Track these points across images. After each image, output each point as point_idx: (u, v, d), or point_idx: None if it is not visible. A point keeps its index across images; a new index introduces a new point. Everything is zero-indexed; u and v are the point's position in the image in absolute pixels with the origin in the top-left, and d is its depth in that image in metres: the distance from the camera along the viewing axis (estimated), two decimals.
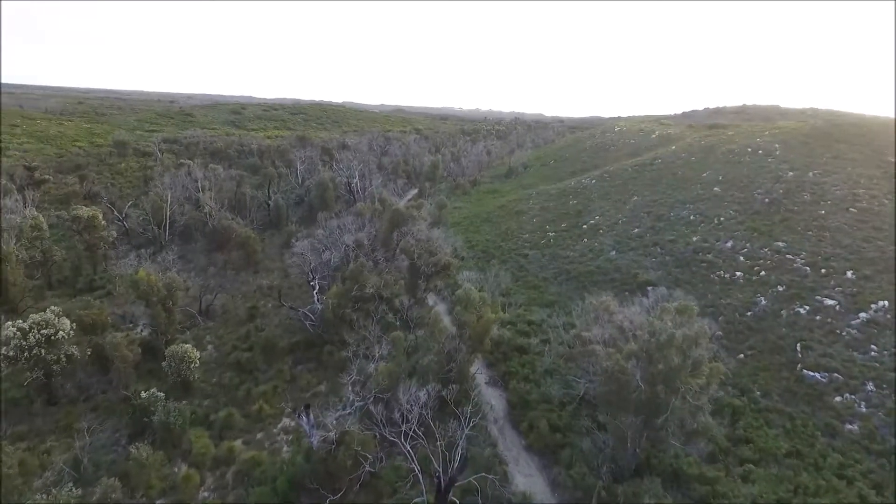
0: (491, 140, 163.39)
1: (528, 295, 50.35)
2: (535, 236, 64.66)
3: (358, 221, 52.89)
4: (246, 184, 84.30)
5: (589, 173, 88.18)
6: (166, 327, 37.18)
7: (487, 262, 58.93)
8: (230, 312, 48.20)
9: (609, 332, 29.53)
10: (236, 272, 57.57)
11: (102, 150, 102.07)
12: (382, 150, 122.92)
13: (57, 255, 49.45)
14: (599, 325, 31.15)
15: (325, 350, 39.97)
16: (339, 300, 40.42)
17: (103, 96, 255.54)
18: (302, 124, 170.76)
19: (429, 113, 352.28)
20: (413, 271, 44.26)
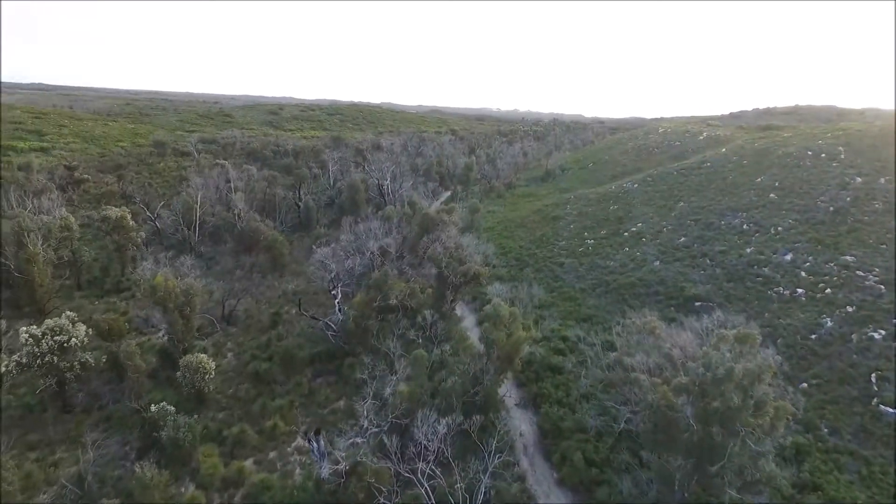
0: (528, 141, 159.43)
1: (564, 308, 47.10)
2: (573, 244, 61.19)
3: (385, 226, 50.80)
4: (278, 184, 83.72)
5: (631, 177, 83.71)
6: (183, 335, 35.88)
7: (521, 270, 55.94)
8: (253, 318, 46.91)
9: (655, 360, 26.23)
10: (263, 275, 56.46)
11: (143, 149, 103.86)
12: (416, 151, 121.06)
13: (86, 255, 49.37)
14: (643, 350, 27.85)
15: (345, 363, 37.95)
16: (361, 310, 38.35)
17: (151, 97, 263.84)
18: (338, 125, 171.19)
19: (466, 114, 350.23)
20: (440, 281, 41.79)
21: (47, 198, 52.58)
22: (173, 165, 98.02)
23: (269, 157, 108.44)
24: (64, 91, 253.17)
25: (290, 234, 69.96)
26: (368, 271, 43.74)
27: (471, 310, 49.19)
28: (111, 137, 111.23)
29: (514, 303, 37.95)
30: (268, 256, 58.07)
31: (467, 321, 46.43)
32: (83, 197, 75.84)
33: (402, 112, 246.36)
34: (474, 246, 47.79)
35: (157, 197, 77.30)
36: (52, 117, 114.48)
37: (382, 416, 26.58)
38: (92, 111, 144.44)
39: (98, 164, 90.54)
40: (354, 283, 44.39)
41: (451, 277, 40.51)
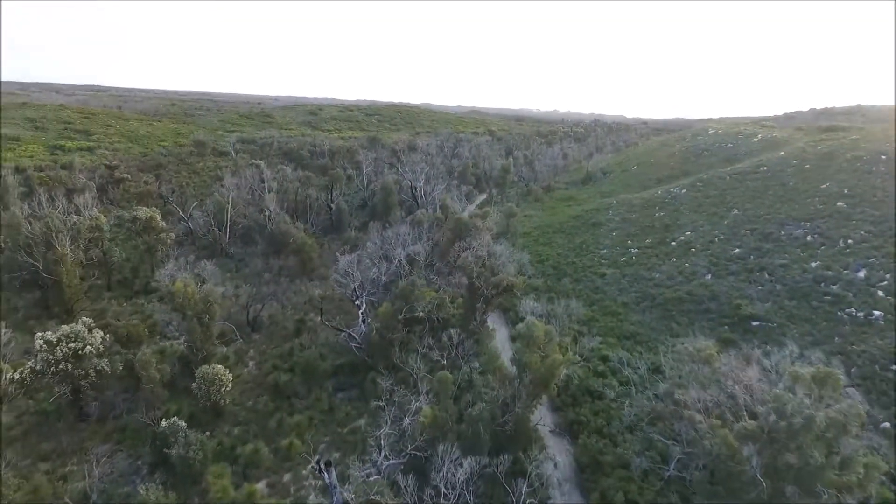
0: (568, 143, 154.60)
1: (604, 323, 43.62)
2: (615, 252, 57.37)
3: (415, 231, 48.52)
4: (312, 185, 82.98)
5: (678, 181, 78.77)
6: (202, 343, 34.51)
7: (558, 280, 52.59)
8: (278, 324, 45.46)
9: (712, 396, 22.80)
10: (290, 279, 55.20)
11: (184, 149, 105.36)
12: (452, 152, 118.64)
13: (115, 255, 49.15)
14: (698, 381, 24.41)
15: (368, 377, 35.77)
16: (386, 322, 36.12)
17: (197, 98, 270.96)
18: (376, 125, 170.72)
19: (505, 114, 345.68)
20: (471, 292, 39.12)
21: (81, 197, 52.53)
22: (212, 165, 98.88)
23: (305, 158, 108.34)
24: (116, 92, 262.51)
25: (321, 236, 68.76)
26: (396, 279, 41.49)
27: (504, 321, 46.41)
28: (154, 137, 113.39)
29: (550, 320, 34.80)
30: (297, 259, 56.82)
31: (499, 333, 43.64)
32: (123, 196, 76.82)
33: (440, 112, 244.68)
34: (508, 254, 44.77)
35: (193, 197, 77.65)
36: (100, 117, 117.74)
37: (401, 446, 24.13)
38: (139, 112, 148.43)
39: (140, 163, 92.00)
40: (381, 290, 42.24)
41: (482, 288, 37.79)
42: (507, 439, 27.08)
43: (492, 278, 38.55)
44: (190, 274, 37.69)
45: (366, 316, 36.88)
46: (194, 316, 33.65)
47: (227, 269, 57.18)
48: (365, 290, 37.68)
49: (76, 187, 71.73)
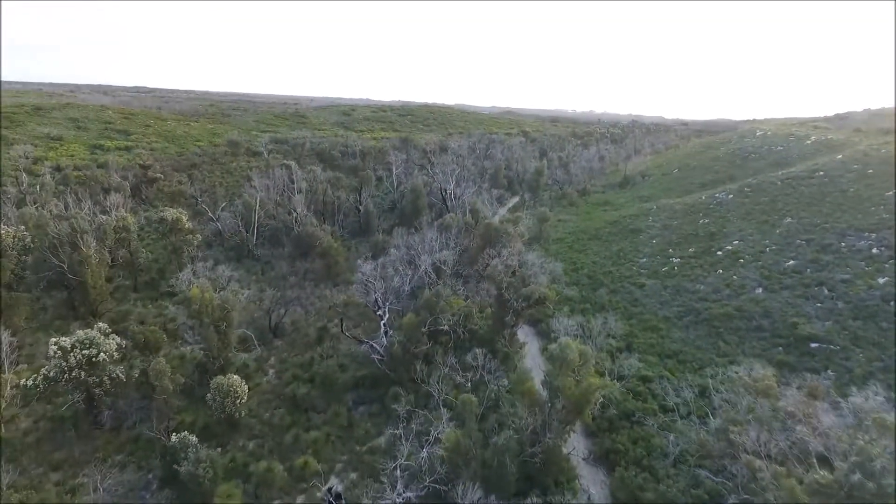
0: (604, 144, 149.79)
1: (644, 340, 40.53)
2: (655, 262, 53.91)
3: (443, 236, 46.46)
4: (342, 186, 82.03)
5: (724, 186, 74.30)
6: (219, 351, 33.31)
7: (593, 290, 49.60)
8: (300, 331, 44.14)
9: (776, 440, 19.88)
10: (315, 283, 53.99)
11: (218, 149, 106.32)
12: (484, 153, 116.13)
13: (142, 256, 48.84)
14: (757, 420, 21.44)
15: (390, 392, 33.89)
16: (410, 333, 34.17)
17: (236, 99, 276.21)
18: (408, 126, 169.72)
19: (539, 115, 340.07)
20: (500, 304, 36.79)
21: (110, 197, 52.62)
22: (244, 165, 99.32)
23: (336, 158, 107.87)
24: (159, 94, 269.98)
25: (348, 239, 67.57)
26: (421, 287, 39.52)
27: (535, 333, 43.86)
28: (191, 137, 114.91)
29: (586, 338, 32.17)
30: (322, 263, 55.59)
31: (530, 346, 41.14)
32: (157, 195, 77.49)
33: (473, 113, 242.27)
34: (540, 264, 42.13)
35: (223, 197, 77.67)
36: (139, 118, 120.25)
37: (421, 477, 22.07)
38: (178, 112, 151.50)
39: (174, 162, 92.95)
40: (406, 298, 40.31)
41: (512, 300, 35.41)
42: (537, 471, 24.69)
43: (522, 289, 36.14)
44: (208, 279, 36.50)
45: (388, 327, 35.00)
46: (211, 323, 32.47)
47: (253, 272, 56.51)
48: (388, 300, 35.81)
49: (111, 186, 72.85)
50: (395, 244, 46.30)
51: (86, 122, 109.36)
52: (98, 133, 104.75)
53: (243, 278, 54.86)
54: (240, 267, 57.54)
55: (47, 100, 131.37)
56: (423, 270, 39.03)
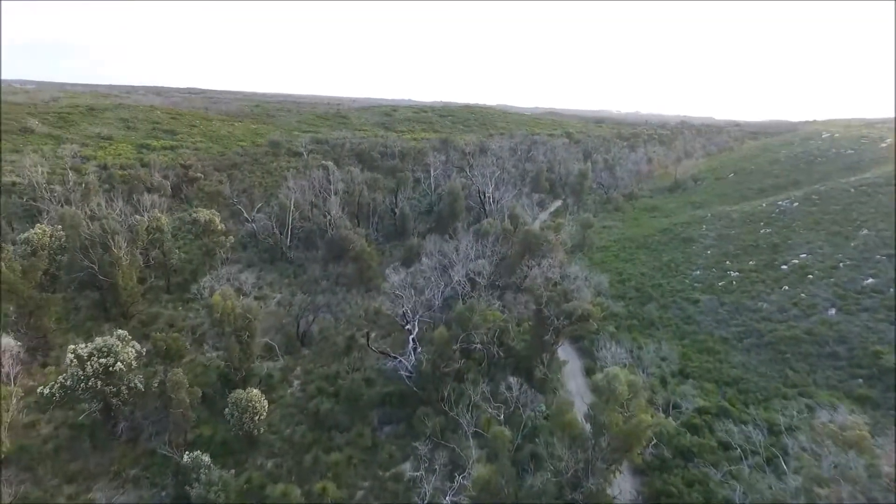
0: (652, 146, 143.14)
1: (699, 363, 36.67)
2: (710, 275, 49.51)
3: (480, 243, 43.81)
4: (379, 188, 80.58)
5: (786, 192, 68.51)
6: (240, 362, 31.79)
7: (642, 305, 45.81)
8: (328, 340, 42.41)
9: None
10: (347, 288, 52.38)
11: (260, 149, 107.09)
12: (525, 155, 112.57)
13: (174, 257, 48.35)
14: (847, 478, 17.83)
15: (418, 412, 31.53)
16: (440, 349, 31.72)
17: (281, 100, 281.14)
18: (449, 126, 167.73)
19: (583, 116, 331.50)
20: (539, 320, 33.83)
21: (144, 197, 52.58)
22: (284, 165, 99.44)
23: (375, 159, 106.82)
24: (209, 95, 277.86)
25: (383, 242, 65.83)
26: (455, 297, 37.00)
27: (576, 350, 40.62)
28: (234, 137, 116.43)
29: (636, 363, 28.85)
30: (355, 267, 53.91)
31: (571, 365, 37.97)
32: (196, 195, 78.04)
33: (515, 113, 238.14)
34: (584, 276, 38.76)
35: (261, 198, 77.46)
36: (186, 118, 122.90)
37: None
38: (224, 112, 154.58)
39: (216, 162, 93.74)
40: (439, 308, 37.83)
41: (552, 317, 32.42)
42: None
43: (564, 305, 33.06)
44: (232, 285, 35.12)
45: (417, 342, 32.65)
46: (233, 333, 30.97)
47: (286, 275, 55.46)
48: (418, 313, 33.46)
49: (152, 186, 73.83)
50: (427, 251, 43.79)
51: (135, 122, 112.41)
52: (146, 133, 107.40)
53: (275, 281, 53.95)
54: (273, 269, 56.72)
55: (102, 101, 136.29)
56: (457, 281, 36.46)
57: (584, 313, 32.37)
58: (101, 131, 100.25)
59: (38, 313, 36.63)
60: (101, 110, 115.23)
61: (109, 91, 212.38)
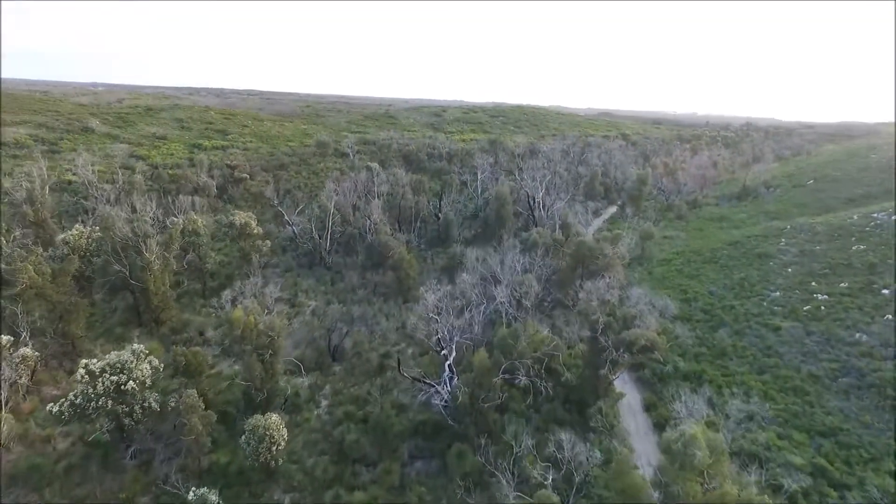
0: (716, 149, 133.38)
1: (784, 404, 31.18)
2: (793, 297, 43.28)
3: (527, 257, 39.75)
4: (423, 191, 77.68)
5: (879, 203, 60.42)
6: (262, 382, 29.23)
7: (712, 330, 40.32)
8: (361, 356, 39.45)
9: None
10: (385, 298, 49.50)
11: (308, 149, 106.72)
12: (579, 158, 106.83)
13: (210, 261, 46.87)
14: None
15: (453, 449, 27.98)
16: (480, 376, 28.05)
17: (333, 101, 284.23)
18: (499, 127, 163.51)
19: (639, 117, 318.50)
20: (594, 350, 29.50)
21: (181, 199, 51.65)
22: (331, 166, 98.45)
23: (422, 161, 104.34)
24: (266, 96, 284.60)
25: (425, 249, 62.69)
26: (498, 317, 33.19)
27: (635, 380, 35.90)
28: (283, 137, 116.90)
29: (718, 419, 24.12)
30: (394, 276, 50.98)
31: (629, 400, 33.35)
32: (242, 195, 77.69)
33: (568, 114, 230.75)
34: (647, 300, 33.87)
35: (304, 199, 76.12)
36: (238, 118, 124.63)
37: None
38: (276, 113, 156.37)
39: (264, 162, 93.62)
40: (481, 327, 34.11)
41: (610, 347, 28.06)
42: None
43: (624, 333, 28.63)
44: (255, 298, 32.66)
45: (454, 370, 29.07)
46: (254, 351, 28.44)
47: (323, 282, 53.24)
48: (455, 337, 29.87)
49: (198, 186, 73.89)
50: (470, 266, 40.06)
51: (189, 123, 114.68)
52: (199, 133, 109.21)
53: (312, 288, 51.81)
54: (310, 275, 54.68)
55: (161, 102, 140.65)
56: (500, 302, 32.62)
57: (647, 344, 27.82)
58: (157, 131, 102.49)
59: (67, 318, 35.62)
60: (158, 111, 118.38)
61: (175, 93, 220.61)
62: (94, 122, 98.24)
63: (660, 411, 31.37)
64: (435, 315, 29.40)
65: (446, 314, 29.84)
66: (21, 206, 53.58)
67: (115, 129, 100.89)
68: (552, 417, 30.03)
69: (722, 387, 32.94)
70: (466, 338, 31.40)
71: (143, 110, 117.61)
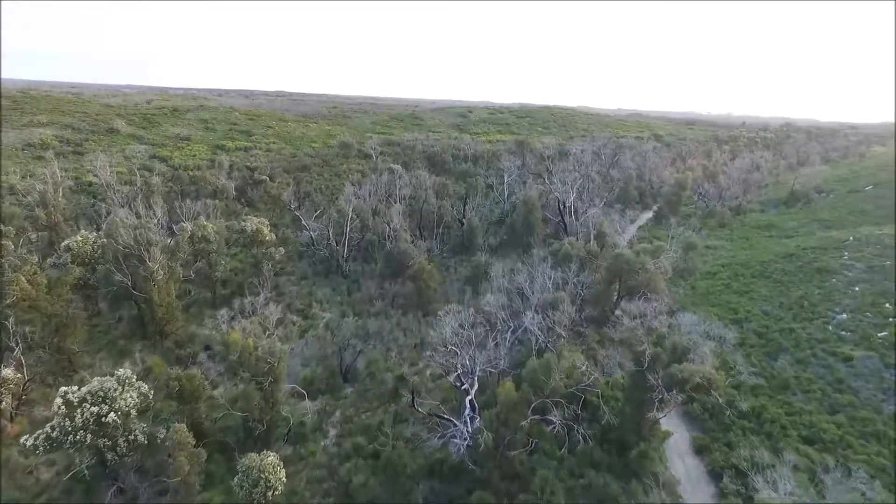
0: (758, 151, 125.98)
1: (866, 453, 26.53)
2: (863, 321, 38.12)
3: (560, 270, 35.84)
4: (447, 194, 74.29)
5: None
6: (261, 413, 26.17)
7: (770, 359, 35.59)
8: (375, 377, 36.14)
9: None
10: (404, 311, 46.21)
11: (331, 151, 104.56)
12: (611, 160, 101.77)
13: (220, 269, 44.30)
14: None
15: (473, 497, 24.39)
16: (505, 415, 24.40)
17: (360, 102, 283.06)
18: (526, 128, 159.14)
19: (669, 117, 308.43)
20: (639, 385, 25.47)
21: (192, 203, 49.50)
22: (354, 167, 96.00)
23: (447, 162, 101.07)
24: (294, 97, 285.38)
25: (447, 257, 59.17)
26: (525, 342, 29.42)
27: (681, 414, 31.61)
28: (307, 138, 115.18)
29: None
30: (413, 287, 47.65)
31: (677, 439, 29.17)
32: (261, 198, 75.70)
33: (597, 115, 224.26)
34: (701, 328, 29.20)
35: (325, 201, 73.60)
36: (263, 119, 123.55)
37: None
38: (301, 114, 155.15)
39: (286, 163, 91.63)
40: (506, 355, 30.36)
41: (659, 386, 24.03)
42: None
43: (674, 368, 24.54)
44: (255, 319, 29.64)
45: (476, 408, 25.46)
46: (252, 379, 25.39)
47: (339, 291, 50.27)
48: (476, 371, 26.24)
49: (217, 189, 72.05)
50: (495, 285, 36.30)
51: (214, 124, 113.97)
52: (223, 134, 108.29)
53: (327, 298, 48.86)
54: (326, 284, 51.78)
55: (188, 103, 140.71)
56: (528, 327, 28.85)
57: (705, 380, 23.68)
58: (181, 132, 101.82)
59: (63, 332, 33.33)
60: (184, 112, 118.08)
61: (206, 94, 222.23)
62: (119, 122, 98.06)
63: (714, 456, 27.15)
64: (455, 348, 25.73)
65: (468, 343, 26.21)
66: (34, 209, 52.42)
67: (140, 129, 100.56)
68: (588, 460, 26.18)
69: (786, 427, 28.47)
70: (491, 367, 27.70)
71: (168, 111, 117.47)
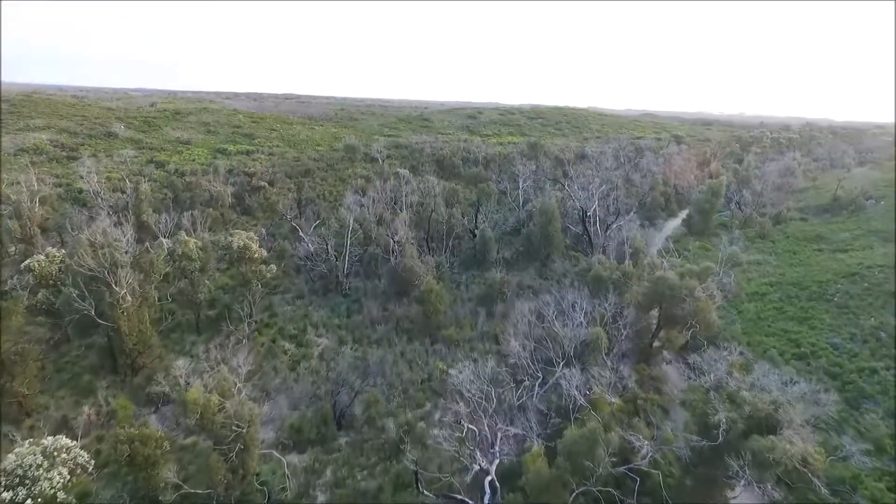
0: (791, 153, 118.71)
1: None
2: None
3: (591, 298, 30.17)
4: (458, 201, 68.85)
5: None
6: (227, 488, 20.84)
7: (850, 406, 29.55)
8: (375, 423, 30.74)
9: None
10: (409, 337, 40.82)
11: (336, 154, 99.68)
12: (632, 163, 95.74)
13: (202, 290, 39.12)
14: None
15: None
16: (537, 493, 18.86)
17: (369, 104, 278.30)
18: (538, 130, 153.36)
19: (682, 118, 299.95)
20: (710, 462, 19.70)
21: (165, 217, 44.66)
22: (360, 172, 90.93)
23: (457, 166, 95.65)
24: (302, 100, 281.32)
25: (459, 272, 53.60)
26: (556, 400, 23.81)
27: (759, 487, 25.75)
28: (312, 141, 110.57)
29: None
30: (420, 309, 42.27)
31: None
32: (259, 205, 70.83)
33: (610, 116, 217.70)
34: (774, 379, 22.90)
35: (328, 209, 68.55)
36: (266, 122, 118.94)
37: None
38: (307, 116, 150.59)
39: (289, 168, 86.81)
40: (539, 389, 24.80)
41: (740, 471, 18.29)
42: None
43: (755, 441, 18.79)
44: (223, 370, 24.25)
45: (497, 491, 19.91)
46: (214, 449, 20.07)
47: (338, 313, 44.95)
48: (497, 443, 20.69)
49: (211, 196, 67.21)
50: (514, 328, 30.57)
51: (216, 126, 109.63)
52: (225, 137, 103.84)
53: (324, 321, 43.52)
54: (324, 303, 46.46)
55: (192, 105, 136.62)
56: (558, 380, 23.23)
57: (800, 465, 17.90)
58: (181, 135, 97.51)
59: (11, 371, 28.37)
60: (186, 114, 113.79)
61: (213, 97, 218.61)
62: (118, 126, 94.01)
63: None
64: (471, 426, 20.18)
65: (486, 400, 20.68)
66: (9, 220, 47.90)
67: (140, 133, 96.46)
68: None
69: None
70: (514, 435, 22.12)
71: (170, 114, 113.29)
